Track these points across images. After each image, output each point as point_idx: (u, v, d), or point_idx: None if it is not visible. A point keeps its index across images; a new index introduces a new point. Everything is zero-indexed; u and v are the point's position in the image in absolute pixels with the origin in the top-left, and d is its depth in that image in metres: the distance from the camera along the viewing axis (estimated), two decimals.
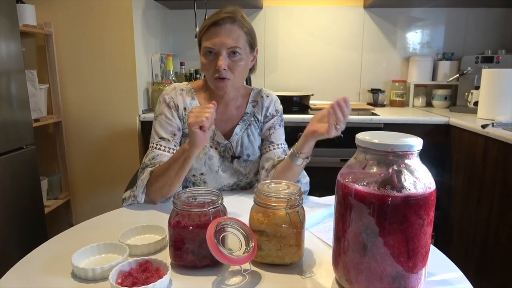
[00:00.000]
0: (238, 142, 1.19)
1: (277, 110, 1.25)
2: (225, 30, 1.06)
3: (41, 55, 2.02)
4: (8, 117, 1.50)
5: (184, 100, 1.17)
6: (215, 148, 1.19)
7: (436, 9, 2.52)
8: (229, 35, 1.06)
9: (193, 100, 1.18)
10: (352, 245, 0.62)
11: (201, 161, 1.16)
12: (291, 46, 2.63)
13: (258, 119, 1.23)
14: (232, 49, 1.07)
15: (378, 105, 2.52)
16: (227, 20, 1.06)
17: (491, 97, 1.93)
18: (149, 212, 1.03)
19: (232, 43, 1.06)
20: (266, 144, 1.21)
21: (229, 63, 1.08)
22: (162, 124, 1.15)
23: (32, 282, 0.70)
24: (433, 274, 0.71)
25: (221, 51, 1.06)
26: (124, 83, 2.00)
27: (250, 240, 0.70)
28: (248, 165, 1.21)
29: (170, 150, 1.13)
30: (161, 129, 1.15)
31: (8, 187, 1.50)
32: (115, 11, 1.94)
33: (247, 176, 1.23)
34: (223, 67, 1.06)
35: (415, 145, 0.60)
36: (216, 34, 1.06)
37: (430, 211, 0.60)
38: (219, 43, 1.05)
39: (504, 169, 1.52)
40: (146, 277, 0.66)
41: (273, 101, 1.25)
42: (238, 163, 1.19)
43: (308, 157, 1.06)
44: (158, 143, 1.13)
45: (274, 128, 1.22)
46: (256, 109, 1.23)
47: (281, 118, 1.26)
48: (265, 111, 1.23)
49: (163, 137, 1.14)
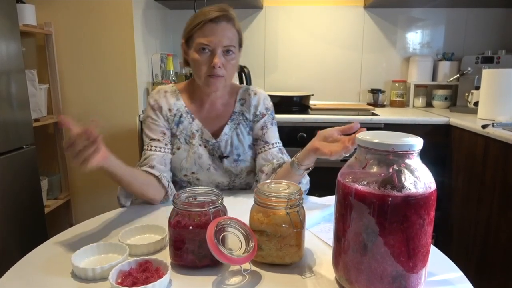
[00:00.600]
0: (227, 142, 1.19)
1: (267, 108, 1.24)
2: (222, 28, 1.07)
3: (41, 55, 2.02)
4: (8, 117, 1.50)
5: (168, 101, 1.18)
6: (204, 146, 1.18)
7: (436, 9, 2.52)
8: (225, 34, 1.07)
9: (178, 100, 1.19)
10: (352, 245, 0.62)
11: (191, 160, 1.16)
12: (291, 46, 2.63)
13: (247, 117, 1.22)
14: (227, 47, 1.08)
15: (378, 105, 2.52)
16: (223, 18, 1.07)
17: (491, 97, 1.93)
18: (149, 212, 1.03)
19: (228, 42, 1.08)
20: (261, 144, 1.20)
21: (223, 61, 1.09)
22: (149, 126, 1.16)
23: (32, 282, 0.69)
24: (433, 274, 0.71)
25: (217, 49, 1.07)
26: (124, 83, 2.00)
27: (250, 240, 0.70)
28: (239, 164, 1.20)
29: (162, 149, 1.14)
30: (150, 131, 1.16)
31: (8, 187, 1.49)
32: (115, 11, 1.94)
33: (239, 176, 1.21)
34: (219, 65, 1.07)
35: (415, 145, 0.60)
36: (213, 32, 1.06)
37: (431, 210, 0.60)
38: (215, 41, 1.06)
39: (504, 169, 1.52)
40: (146, 277, 0.66)
41: (262, 99, 1.23)
42: (228, 162, 1.19)
43: (309, 168, 1.04)
44: (149, 145, 1.14)
45: (266, 127, 1.21)
46: (244, 107, 1.22)
47: (273, 116, 1.25)
48: (254, 110, 1.22)
49: (153, 138, 1.15)
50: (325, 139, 0.96)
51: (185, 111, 1.19)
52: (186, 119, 1.18)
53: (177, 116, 1.18)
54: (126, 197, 1.07)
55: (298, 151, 1.03)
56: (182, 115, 1.18)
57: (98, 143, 0.78)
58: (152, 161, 1.10)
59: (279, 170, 1.11)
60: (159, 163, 1.11)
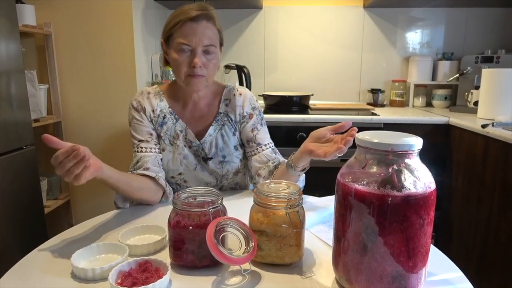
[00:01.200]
0: (212, 144, 1.18)
1: (254, 107, 1.22)
2: (202, 27, 1.05)
3: (41, 55, 2.02)
4: (7, 117, 1.50)
5: (151, 102, 1.17)
6: (188, 147, 1.17)
7: (436, 9, 2.52)
8: (205, 33, 1.06)
9: (161, 101, 1.18)
10: (352, 245, 0.62)
11: (176, 161, 1.15)
12: (290, 46, 2.63)
13: (232, 118, 1.20)
14: (208, 47, 1.07)
15: (378, 105, 2.52)
16: (203, 17, 1.05)
17: (491, 97, 1.93)
18: (148, 212, 1.03)
19: (208, 41, 1.06)
20: (253, 146, 1.19)
21: (203, 61, 1.07)
22: (136, 128, 1.15)
23: (32, 282, 0.69)
24: (433, 274, 0.71)
25: (197, 48, 1.05)
26: (124, 83, 2.00)
27: (250, 240, 0.70)
28: (224, 166, 1.18)
29: (152, 149, 1.13)
30: (137, 133, 1.15)
31: (8, 187, 1.49)
32: (115, 11, 1.94)
33: (226, 177, 1.20)
34: (199, 65, 1.06)
35: (415, 145, 0.60)
36: (193, 31, 1.05)
37: (430, 210, 0.60)
38: (196, 40, 1.05)
39: (504, 169, 1.52)
40: (146, 277, 0.66)
41: (247, 99, 1.21)
42: (213, 164, 1.18)
43: (305, 168, 1.03)
44: (138, 146, 1.14)
45: (257, 129, 1.20)
46: (229, 108, 1.20)
47: (261, 116, 1.23)
48: (240, 110, 1.20)
49: (141, 139, 1.14)
50: (318, 140, 0.95)
51: (169, 111, 1.17)
52: (170, 120, 1.17)
53: (161, 117, 1.16)
54: (123, 201, 1.07)
55: (293, 153, 1.03)
56: (165, 115, 1.17)
57: (86, 160, 0.77)
58: (146, 164, 1.09)
59: (276, 172, 1.11)
60: (153, 165, 1.10)
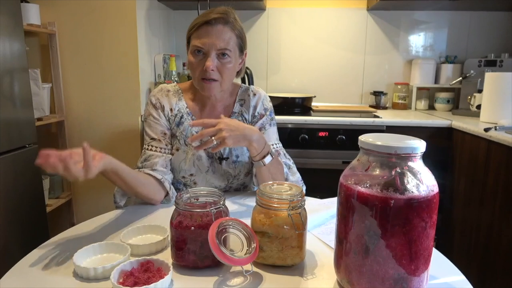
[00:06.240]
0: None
1: (266, 108, 1.22)
2: (217, 30, 1.05)
3: (45, 55, 2.03)
4: (11, 116, 1.51)
5: (170, 101, 1.17)
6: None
7: (439, 12, 2.52)
8: (220, 36, 1.05)
9: (180, 101, 1.18)
10: (354, 247, 0.62)
11: (190, 162, 1.15)
12: (293, 48, 2.63)
13: (246, 118, 1.20)
14: (222, 50, 1.06)
15: (381, 107, 2.52)
16: (220, 20, 1.05)
17: (494, 101, 1.92)
18: (151, 212, 1.03)
19: (222, 45, 1.05)
20: None
21: (218, 65, 1.07)
22: (151, 125, 1.15)
23: (33, 281, 0.70)
24: (435, 277, 0.71)
25: (210, 51, 1.05)
26: (127, 83, 2.01)
27: (251, 241, 0.70)
28: (237, 166, 1.18)
29: (162, 149, 1.13)
30: (151, 130, 1.15)
31: (10, 186, 1.50)
32: (118, 12, 1.94)
33: (237, 178, 1.20)
34: (211, 68, 1.05)
35: (418, 148, 0.60)
36: (207, 34, 1.05)
37: (433, 213, 0.60)
38: (209, 43, 1.05)
39: (507, 172, 1.51)
40: (148, 277, 0.66)
41: (261, 99, 1.21)
42: (227, 164, 1.17)
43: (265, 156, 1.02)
44: (149, 144, 1.13)
45: (264, 129, 1.20)
46: (244, 108, 1.20)
47: (271, 116, 1.23)
48: (253, 111, 1.20)
49: (154, 138, 1.14)
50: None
51: (186, 112, 1.17)
52: (187, 121, 1.17)
53: (178, 117, 1.17)
54: (122, 196, 1.07)
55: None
56: (183, 116, 1.17)
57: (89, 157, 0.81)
58: (155, 165, 1.09)
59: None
60: (161, 166, 1.10)
